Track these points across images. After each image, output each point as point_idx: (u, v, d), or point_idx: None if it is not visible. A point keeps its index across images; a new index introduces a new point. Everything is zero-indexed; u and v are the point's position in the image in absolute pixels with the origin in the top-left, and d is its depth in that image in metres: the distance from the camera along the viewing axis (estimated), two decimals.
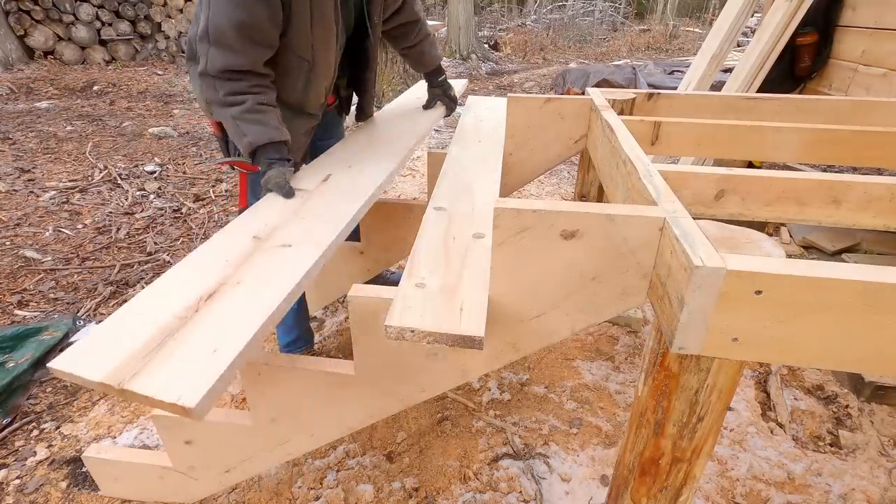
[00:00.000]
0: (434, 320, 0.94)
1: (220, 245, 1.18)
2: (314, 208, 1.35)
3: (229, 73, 1.36)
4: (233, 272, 1.07)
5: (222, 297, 0.99)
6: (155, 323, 0.93)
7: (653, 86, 5.36)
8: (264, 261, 1.11)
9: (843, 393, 1.93)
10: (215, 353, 0.85)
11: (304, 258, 1.12)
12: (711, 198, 1.26)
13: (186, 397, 0.78)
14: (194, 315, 0.94)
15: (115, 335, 0.91)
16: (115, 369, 0.83)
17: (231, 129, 1.43)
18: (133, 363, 0.84)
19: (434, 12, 15.40)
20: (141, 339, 0.89)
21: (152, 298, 1.00)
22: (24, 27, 7.13)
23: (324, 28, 1.48)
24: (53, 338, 2.13)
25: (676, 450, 1.01)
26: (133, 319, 0.94)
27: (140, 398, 0.80)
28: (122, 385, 0.80)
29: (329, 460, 1.68)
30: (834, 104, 1.94)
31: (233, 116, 1.39)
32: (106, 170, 4.01)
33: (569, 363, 2.12)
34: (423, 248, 1.20)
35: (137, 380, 0.81)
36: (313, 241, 1.18)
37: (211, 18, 1.32)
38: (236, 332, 0.90)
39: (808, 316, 0.77)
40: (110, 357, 0.86)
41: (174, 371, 0.83)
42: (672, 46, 12.58)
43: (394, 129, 1.99)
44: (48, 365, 0.87)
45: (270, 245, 1.17)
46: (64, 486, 1.59)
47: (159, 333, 0.90)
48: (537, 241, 0.93)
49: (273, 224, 1.25)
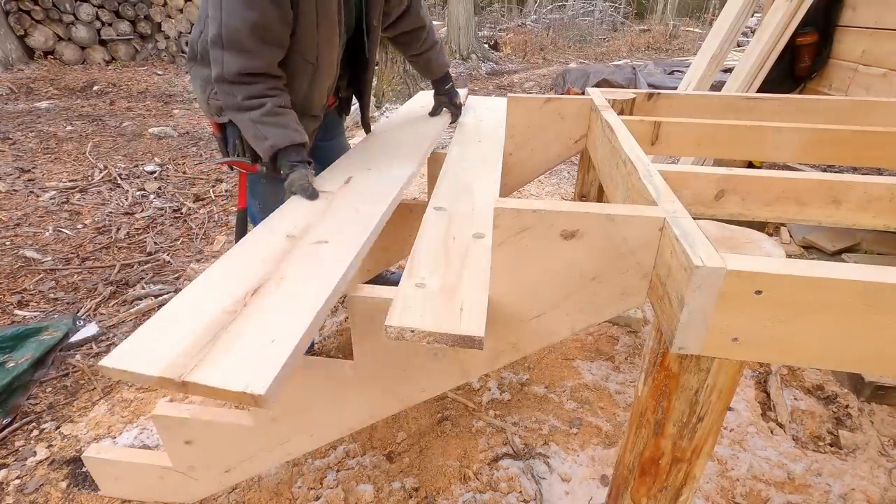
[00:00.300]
0: (434, 320, 0.94)
1: (255, 244, 1.19)
2: (341, 209, 1.36)
3: (246, 76, 1.36)
4: (274, 268, 1.08)
5: (268, 291, 1.01)
6: (204, 318, 0.93)
7: (653, 86, 5.36)
8: (303, 257, 1.12)
9: (843, 393, 1.93)
10: (274, 344, 0.86)
11: (342, 254, 1.14)
12: (711, 198, 1.26)
13: (255, 385, 0.78)
14: (243, 309, 0.95)
15: (163, 332, 0.91)
16: (171, 364, 0.83)
17: (250, 132, 1.42)
18: (190, 357, 0.84)
19: (434, 12, 15.38)
20: (192, 333, 0.90)
21: (195, 296, 1.01)
22: (24, 27, 7.13)
23: (328, 27, 1.48)
24: (53, 338, 2.13)
25: (676, 450, 1.01)
26: (179, 316, 0.95)
27: (203, 390, 0.80)
28: (182, 378, 0.80)
29: (329, 460, 1.68)
30: (834, 104, 1.94)
31: (252, 120, 1.39)
32: (106, 170, 4.01)
33: (569, 363, 2.12)
34: (423, 248, 1.20)
35: (198, 372, 0.81)
36: (347, 240, 1.20)
37: (224, 21, 1.31)
38: (291, 324, 0.91)
39: (808, 316, 0.77)
40: (164, 352, 0.86)
41: (235, 362, 0.83)
42: (672, 46, 12.57)
43: (406, 134, 2.01)
44: (100, 363, 0.86)
45: (306, 243, 1.18)
46: (64, 486, 1.59)
47: (211, 328, 0.91)
48: (537, 241, 0.93)
49: (304, 224, 1.27)
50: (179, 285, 2.64)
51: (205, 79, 1.54)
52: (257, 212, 1.75)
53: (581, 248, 0.92)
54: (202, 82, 1.55)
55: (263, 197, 1.72)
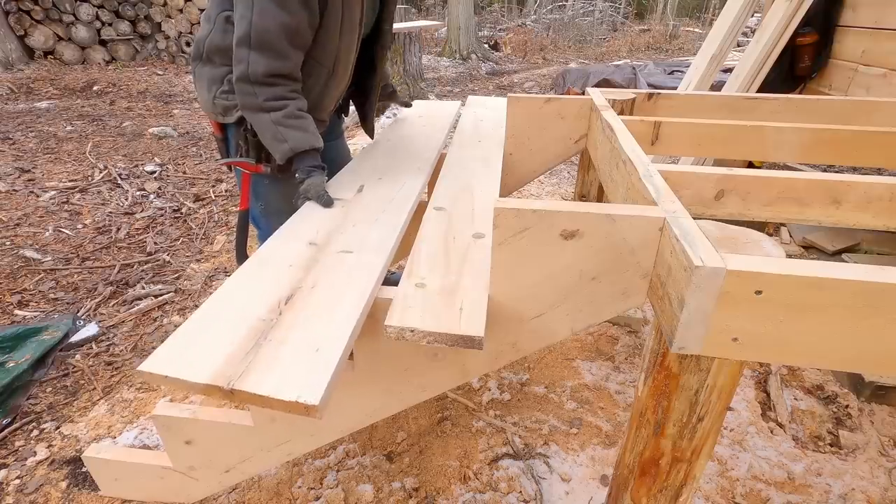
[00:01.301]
0: (434, 320, 0.94)
1: (278, 251, 1.18)
2: (358, 217, 1.36)
3: (272, 77, 1.35)
4: (303, 276, 1.08)
5: (302, 300, 1.00)
6: (241, 325, 0.93)
7: (653, 86, 5.36)
8: (331, 266, 1.12)
9: (843, 393, 1.93)
10: (318, 353, 0.86)
11: (370, 264, 1.14)
12: (711, 198, 1.26)
13: (307, 395, 0.78)
14: (279, 318, 0.95)
15: (200, 338, 0.91)
16: (218, 371, 0.82)
17: (268, 133, 1.41)
18: (234, 365, 0.84)
19: (434, 12, 15.38)
20: (232, 340, 0.89)
21: (227, 302, 1.01)
22: (24, 27, 7.13)
23: (350, 32, 1.49)
24: (53, 338, 2.14)
25: (676, 450, 1.01)
26: (213, 322, 0.95)
27: (253, 398, 0.79)
28: (231, 386, 0.80)
29: (329, 460, 1.68)
30: (834, 104, 1.94)
31: (273, 121, 1.38)
32: (106, 170, 4.01)
33: (569, 363, 2.12)
34: (424, 248, 1.20)
35: (247, 380, 0.81)
36: (371, 248, 1.20)
37: (255, 21, 1.30)
38: (331, 333, 0.91)
39: (808, 316, 0.77)
40: (207, 359, 0.85)
41: (283, 370, 0.83)
42: (672, 46, 12.57)
43: (410, 142, 2.02)
44: (139, 368, 0.85)
45: (331, 251, 1.18)
46: (64, 486, 1.59)
47: (250, 335, 0.90)
48: (537, 241, 0.92)
49: (325, 231, 1.27)
50: (179, 285, 2.64)
51: (210, 78, 1.53)
52: (259, 213, 1.74)
53: (581, 248, 0.92)
54: (207, 82, 1.54)
55: (266, 198, 1.71)
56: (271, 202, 1.71)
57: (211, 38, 1.48)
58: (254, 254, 1.18)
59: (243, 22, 1.32)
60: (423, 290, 1.04)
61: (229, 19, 1.44)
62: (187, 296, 2.56)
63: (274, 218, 1.68)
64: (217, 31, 1.47)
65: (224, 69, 1.50)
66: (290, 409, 0.78)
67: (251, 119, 1.45)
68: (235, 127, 1.57)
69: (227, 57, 1.48)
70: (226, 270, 2.79)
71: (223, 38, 1.46)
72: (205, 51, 1.51)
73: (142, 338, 2.26)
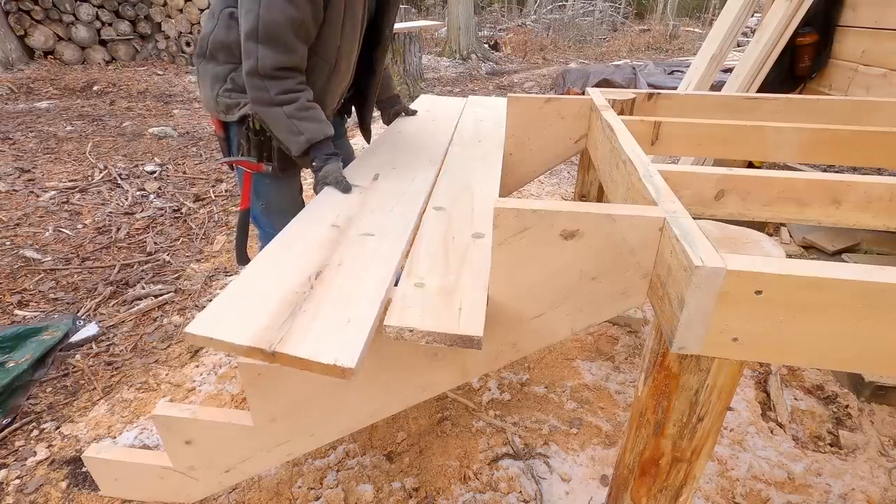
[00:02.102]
0: (433, 320, 0.94)
1: (303, 233, 1.25)
2: (376, 204, 1.42)
3: (281, 70, 1.36)
4: (329, 255, 1.15)
5: (330, 275, 1.08)
6: (275, 296, 1.00)
7: (653, 86, 5.36)
8: (354, 246, 1.19)
9: (843, 393, 1.93)
10: (350, 324, 0.93)
11: (390, 245, 1.20)
12: (711, 198, 1.26)
13: (343, 359, 0.85)
14: (310, 291, 1.02)
15: (240, 306, 0.97)
16: (259, 335, 0.89)
17: (283, 127, 1.42)
18: (274, 330, 0.91)
19: (434, 12, 15.39)
20: (269, 310, 0.96)
21: (260, 276, 1.07)
22: (24, 27, 7.14)
23: (353, 27, 1.49)
24: (53, 338, 2.14)
25: (676, 450, 1.01)
26: (250, 293, 1.01)
27: (292, 360, 0.86)
28: (273, 349, 0.86)
29: (329, 460, 1.68)
30: (834, 104, 1.94)
31: (287, 115, 1.40)
32: (106, 170, 4.01)
33: (569, 363, 2.12)
34: (423, 248, 1.20)
35: (287, 344, 0.88)
36: (392, 233, 1.27)
37: (262, 15, 1.30)
38: (361, 306, 0.98)
39: (808, 316, 0.77)
40: (248, 324, 0.92)
41: (320, 337, 0.90)
42: (672, 46, 12.57)
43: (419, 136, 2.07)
44: (185, 331, 0.92)
45: (353, 234, 1.26)
46: (64, 486, 1.59)
47: (286, 305, 0.97)
48: (537, 241, 0.92)
49: (345, 216, 1.34)
50: (179, 285, 2.64)
51: (214, 76, 1.53)
52: (260, 212, 1.74)
53: (581, 248, 0.92)
54: (211, 79, 1.54)
55: (267, 197, 1.71)
56: (272, 201, 1.71)
57: (215, 35, 1.48)
58: (278, 236, 1.23)
59: (250, 15, 1.32)
60: (422, 289, 1.04)
61: (233, 15, 1.44)
62: (187, 296, 2.56)
63: (275, 217, 1.68)
64: (221, 28, 1.47)
65: (228, 67, 1.50)
66: (328, 371, 0.85)
67: (263, 114, 1.45)
68: (237, 125, 1.57)
69: (230, 54, 1.48)
70: (226, 270, 2.79)
71: (227, 34, 1.46)
72: (209, 48, 1.51)
73: (142, 338, 2.26)
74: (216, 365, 2.11)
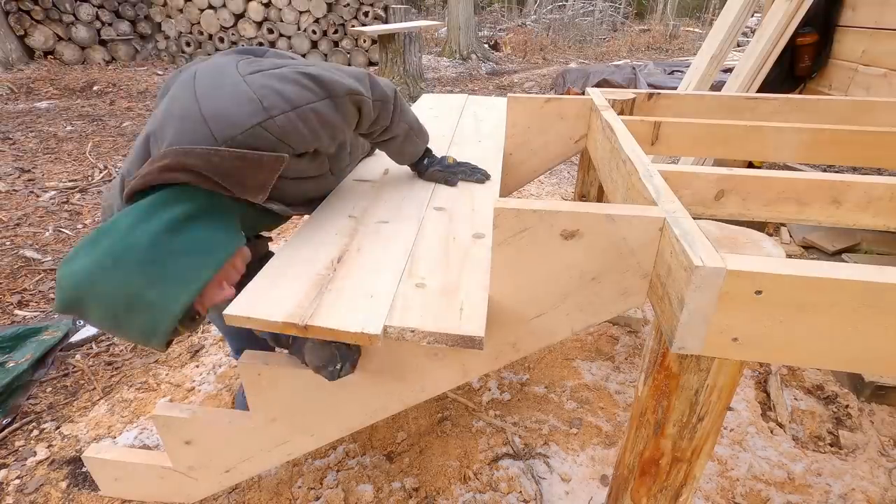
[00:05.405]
0: (434, 320, 0.94)
1: (323, 222, 1.34)
2: (388, 195, 1.50)
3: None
4: (349, 241, 1.24)
5: (351, 258, 1.17)
6: (302, 278, 1.09)
7: (653, 86, 5.36)
8: (371, 233, 1.28)
9: (843, 393, 1.93)
10: (373, 298, 1.02)
11: (406, 230, 1.29)
12: (711, 198, 1.26)
13: (370, 327, 0.93)
14: (333, 273, 1.11)
15: (271, 289, 1.06)
16: (291, 312, 0.97)
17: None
18: (304, 307, 0.99)
19: (434, 12, 15.38)
20: (298, 290, 1.04)
21: (287, 261, 1.16)
22: (24, 27, 7.14)
23: (339, 173, 1.56)
24: (53, 338, 2.14)
25: (676, 450, 1.01)
26: (279, 279, 1.09)
27: (323, 331, 0.95)
28: (305, 322, 0.95)
29: (329, 460, 1.68)
30: (834, 104, 1.94)
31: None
32: (106, 170, 4.01)
33: (569, 363, 2.12)
34: (423, 248, 1.20)
35: (317, 317, 0.96)
36: (404, 217, 1.36)
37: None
38: (382, 284, 1.06)
39: (808, 316, 0.77)
40: (280, 304, 1.00)
41: (346, 311, 0.98)
42: (672, 46, 12.56)
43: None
44: (224, 313, 0.99)
45: (370, 222, 1.34)
46: (64, 486, 1.59)
47: (313, 285, 1.06)
48: (537, 241, 0.92)
49: (360, 207, 1.43)
50: None
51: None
52: None
53: (581, 249, 0.92)
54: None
55: None
56: None
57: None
58: (299, 227, 1.31)
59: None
60: (423, 290, 1.04)
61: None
62: None
63: None
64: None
65: None
66: (357, 339, 0.93)
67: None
68: None
69: None
70: None
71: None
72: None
73: None
74: (216, 365, 2.11)
